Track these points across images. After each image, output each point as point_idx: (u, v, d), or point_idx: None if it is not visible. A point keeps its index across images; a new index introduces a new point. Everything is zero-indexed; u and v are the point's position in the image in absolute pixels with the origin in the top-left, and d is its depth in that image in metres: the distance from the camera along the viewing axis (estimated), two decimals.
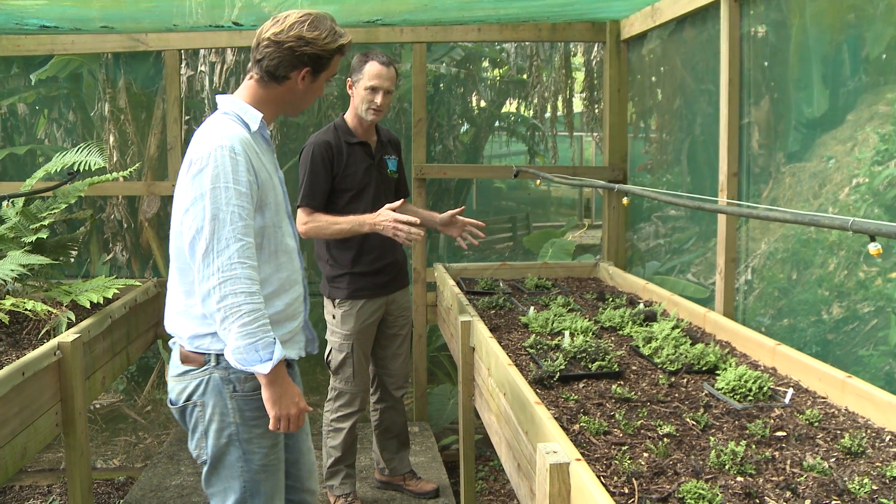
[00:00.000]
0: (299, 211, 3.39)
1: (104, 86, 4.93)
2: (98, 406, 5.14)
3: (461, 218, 3.54)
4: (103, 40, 4.48)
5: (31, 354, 2.97)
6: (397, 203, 3.15)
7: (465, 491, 3.51)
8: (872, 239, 1.53)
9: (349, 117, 3.51)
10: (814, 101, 3.09)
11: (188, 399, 2.21)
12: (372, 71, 3.35)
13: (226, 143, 2.06)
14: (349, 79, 3.46)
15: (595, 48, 5.77)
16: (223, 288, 1.99)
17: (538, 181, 4.06)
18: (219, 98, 2.25)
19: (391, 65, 3.40)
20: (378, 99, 3.36)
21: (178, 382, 2.23)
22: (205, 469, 2.27)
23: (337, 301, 3.53)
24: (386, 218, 3.10)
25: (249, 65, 2.25)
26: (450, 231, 3.56)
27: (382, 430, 3.83)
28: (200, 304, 2.07)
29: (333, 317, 3.54)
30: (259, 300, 2.03)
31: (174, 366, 2.25)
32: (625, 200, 3.05)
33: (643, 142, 4.75)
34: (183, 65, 4.81)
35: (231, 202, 2.02)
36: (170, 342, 2.31)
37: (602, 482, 1.94)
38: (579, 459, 1.88)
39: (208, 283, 2.00)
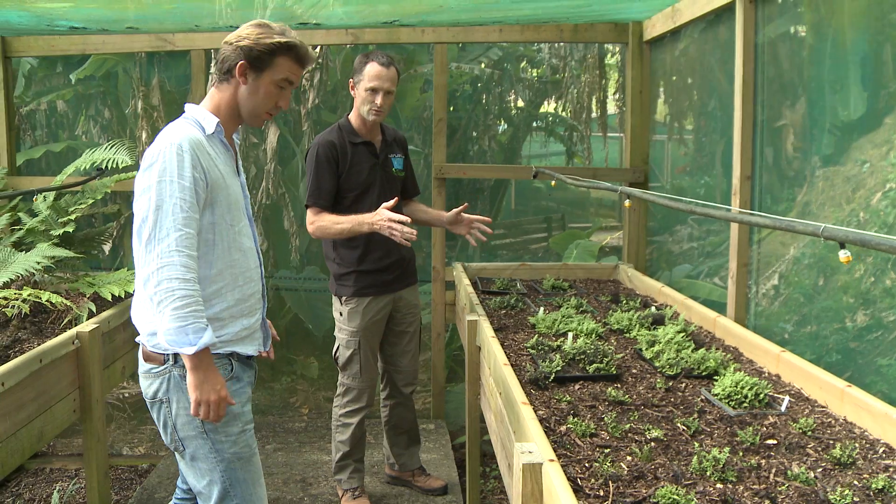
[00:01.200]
0: (308, 211, 3.45)
1: (137, 84, 5.06)
2: (126, 395, 5.28)
3: (466, 215, 3.58)
4: (132, 40, 4.60)
5: (50, 343, 3.08)
6: (392, 202, 3.19)
7: (470, 489, 3.53)
8: (842, 246, 1.51)
9: (353, 118, 3.55)
10: (850, 103, 3.02)
11: (154, 396, 2.32)
12: (372, 72, 3.38)
13: (174, 140, 2.17)
14: (351, 80, 3.50)
15: None
16: (160, 273, 2.09)
17: (553, 182, 4.06)
18: (186, 106, 2.37)
19: (391, 65, 3.43)
20: (378, 100, 3.39)
21: (145, 379, 2.34)
22: (182, 466, 2.39)
23: (343, 298, 3.57)
24: (381, 217, 3.15)
25: None
26: (457, 229, 3.61)
27: (392, 426, 3.86)
28: (142, 288, 2.18)
29: (340, 314, 3.58)
30: (193, 287, 2.13)
31: (140, 363, 2.36)
32: (627, 203, 3.03)
33: (678, 143, 4.69)
34: (212, 64, 4.90)
35: (174, 195, 2.13)
36: (136, 338, 2.41)
37: (579, 484, 1.96)
38: (553, 460, 1.89)
39: (148, 268, 2.12)
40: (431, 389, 5.00)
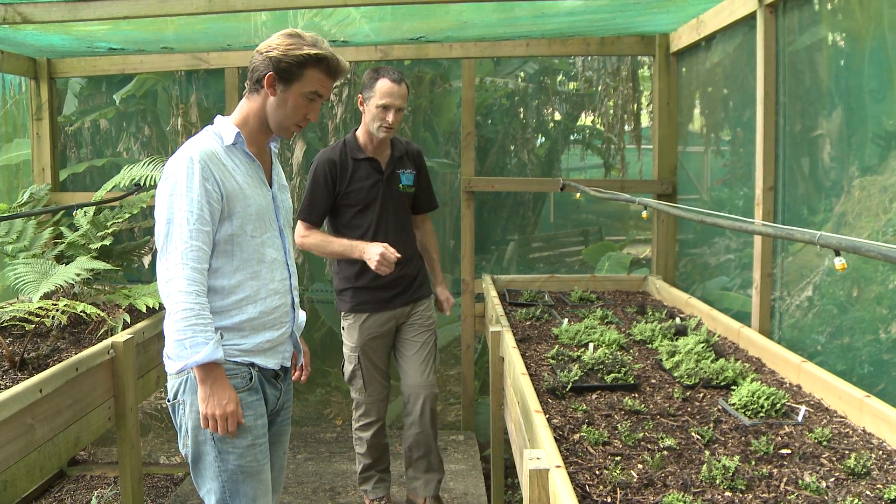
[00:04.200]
0: (298, 223, 3.48)
1: (176, 102, 5.23)
2: (164, 405, 5.41)
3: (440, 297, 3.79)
4: (169, 59, 4.76)
5: (86, 352, 3.19)
6: (396, 255, 3.20)
7: (495, 499, 3.55)
8: (837, 253, 1.52)
9: (360, 133, 3.51)
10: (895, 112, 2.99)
11: (175, 397, 2.31)
12: (383, 89, 3.32)
13: (186, 153, 2.18)
14: (360, 95, 3.45)
15: None
16: (167, 286, 2.12)
17: (578, 194, 4.08)
18: (216, 117, 2.37)
19: (402, 82, 3.37)
20: (389, 117, 3.34)
21: (169, 381, 2.33)
22: (191, 471, 2.35)
23: (343, 313, 3.58)
24: (371, 256, 3.19)
25: None
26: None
27: (407, 447, 3.70)
28: None
29: (343, 328, 3.62)
30: (196, 300, 2.12)
31: (166, 365, 2.32)
32: (644, 214, 3.04)
33: (716, 155, 4.67)
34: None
35: (182, 207, 2.14)
36: None
37: (587, 490, 1.98)
38: (559, 466, 1.91)
39: (160, 280, 2.15)
40: (462, 401, 5.03)
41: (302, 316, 2.59)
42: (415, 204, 3.70)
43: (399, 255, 3.18)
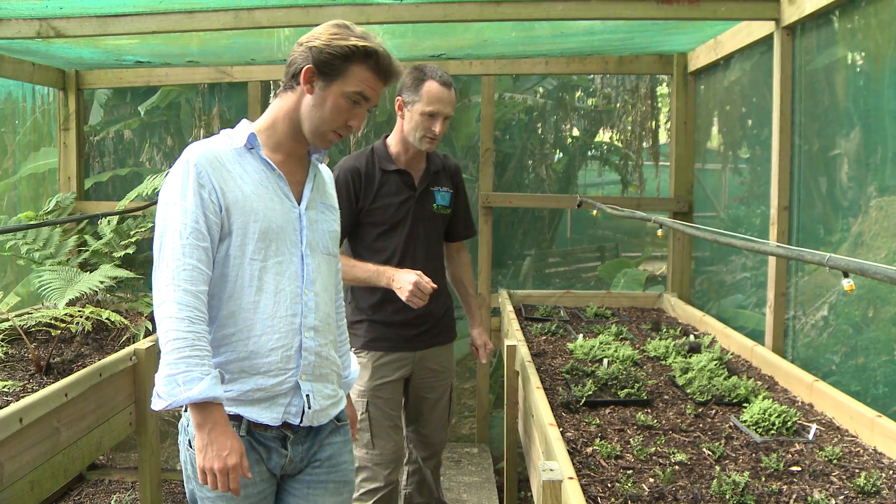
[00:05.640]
0: None
1: (199, 114, 5.33)
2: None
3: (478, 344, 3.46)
4: (193, 73, 4.87)
5: (109, 358, 3.27)
6: (433, 285, 2.75)
7: None
8: (846, 275, 1.56)
9: (393, 141, 3.04)
10: None
11: (180, 435, 2.01)
12: (432, 93, 2.85)
13: (184, 157, 1.88)
14: (399, 97, 2.96)
15: None
16: (159, 311, 1.79)
17: (595, 212, 4.13)
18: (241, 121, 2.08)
19: (451, 85, 2.92)
20: (437, 127, 2.88)
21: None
22: None
23: (354, 350, 3.02)
24: (402, 286, 2.75)
25: None
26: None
27: (406, 496, 3.35)
28: None
29: None
30: (189, 329, 1.76)
31: (153, 403, 1.99)
32: (660, 232, 3.08)
33: (734, 173, 4.70)
34: (272, 95, 5.14)
35: (175, 219, 1.81)
36: None
37: (598, 503, 2.01)
38: (572, 478, 1.96)
39: (154, 303, 1.83)
40: (476, 414, 5.07)
41: (353, 370, 2.29)
42: (449, 229, 3.25)
43: (435, 286, 2.76)
